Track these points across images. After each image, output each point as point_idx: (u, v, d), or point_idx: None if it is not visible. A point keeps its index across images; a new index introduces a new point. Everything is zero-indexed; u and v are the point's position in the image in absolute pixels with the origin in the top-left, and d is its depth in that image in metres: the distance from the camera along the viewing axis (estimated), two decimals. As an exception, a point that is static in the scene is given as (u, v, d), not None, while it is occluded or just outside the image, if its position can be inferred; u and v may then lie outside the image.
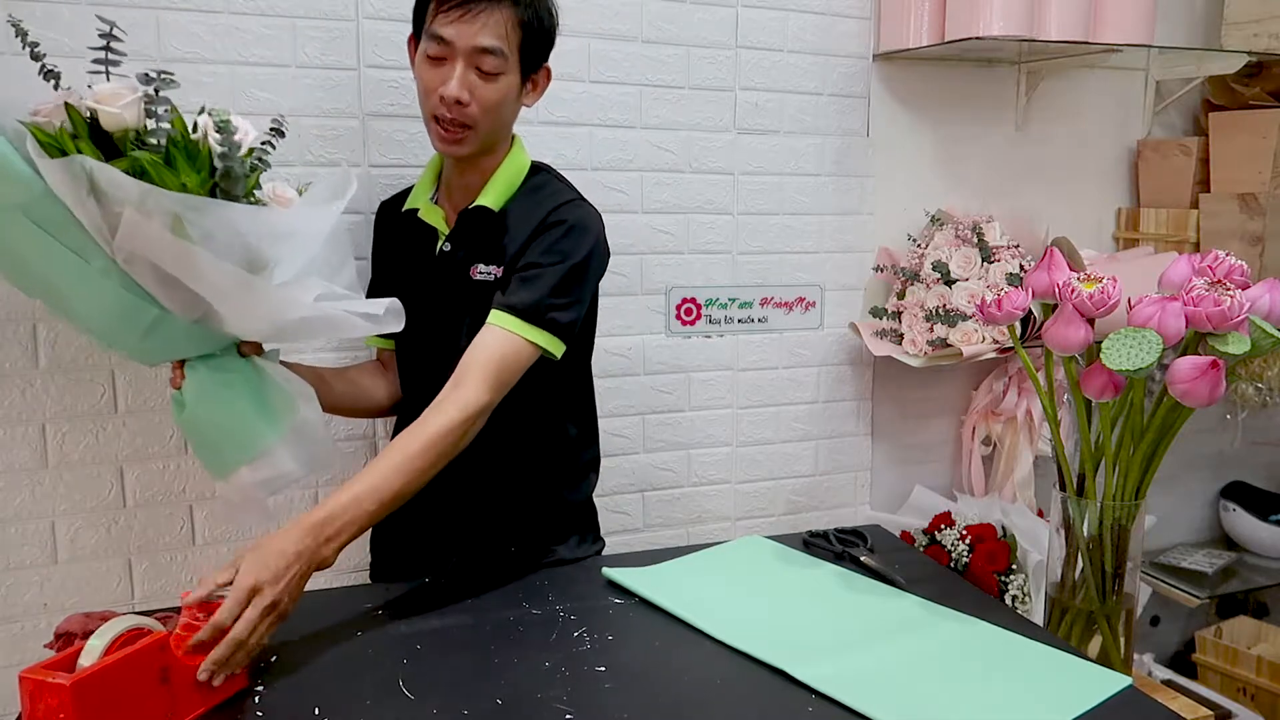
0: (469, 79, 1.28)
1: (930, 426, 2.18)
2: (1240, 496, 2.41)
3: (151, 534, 1.64)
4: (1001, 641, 1.13)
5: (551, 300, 1.30)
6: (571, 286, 1.33)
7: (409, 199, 1.47)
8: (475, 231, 1.39)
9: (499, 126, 1.35)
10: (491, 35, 1.27)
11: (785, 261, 2.00)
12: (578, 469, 1.52)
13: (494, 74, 1.29)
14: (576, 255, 1.33)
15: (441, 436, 1.22)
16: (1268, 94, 2.11)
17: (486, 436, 1.29)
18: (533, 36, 1.31)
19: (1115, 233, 2.28)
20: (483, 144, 1.34)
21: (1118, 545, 1.19)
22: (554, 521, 1.48)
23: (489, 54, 1.27)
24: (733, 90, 1.91)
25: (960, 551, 1.88)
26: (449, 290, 1.39)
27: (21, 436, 1.56)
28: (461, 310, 1.38)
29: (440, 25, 1.27)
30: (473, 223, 1.38)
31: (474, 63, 1.28)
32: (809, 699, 1.01)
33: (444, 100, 1.28)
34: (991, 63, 2.10)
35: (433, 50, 1.29)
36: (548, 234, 1.34)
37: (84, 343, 1.57)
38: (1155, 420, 1.15)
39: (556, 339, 1.31)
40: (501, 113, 1.33)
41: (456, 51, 1.27)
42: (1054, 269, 1.17)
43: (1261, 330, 1.08)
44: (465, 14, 1.26)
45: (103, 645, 0.90)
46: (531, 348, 1.29)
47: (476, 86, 1.29)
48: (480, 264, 1.38)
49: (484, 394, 1.25)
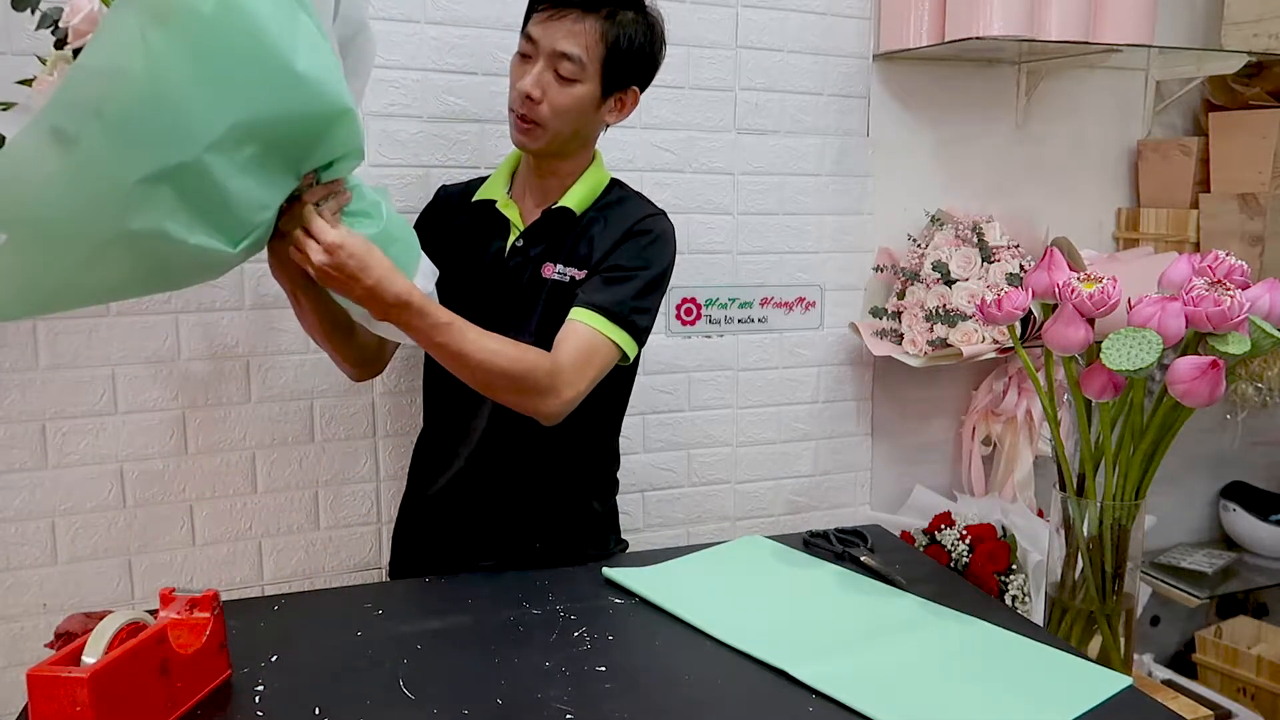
0: (544, 78, 1.32)
1: (930, 426, 2.18)
2: (1240, 496, 2.41)
3: (151, 534, 1.65)
4: (1001, 641, 1.13)
5: (635, 303, 1.34)
6: (650, 293, 1.37)
7: (482, 189, 1.48)
8: (554, 231, 1.40)
9: (571, 132, 1.36)
10: (573, 42, 1.30)
11: (785, 261, 2.00)
12: (610, 481, 1.56)
13: (570, 80, 1.32)
14: (659, 265, 1.38)
15: (527, 369, 1.24)
16: (1268, 94, 2.11)
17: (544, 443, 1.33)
18: (619, 56, 1.33)
19: (1115, 233, 2.28)
20: (553, 144, 1.36)
21: (1118, 545, 1.19)
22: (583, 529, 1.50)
23: (566, 59, 1.31)
24: (733, 90, 1.91)
25: (960, 551, 1.88)
26: (517, 285, 1.40)
27: (21, 436, 1.56)
28: (528, 306, 1.39)
29: (532, 25, 1.33)
30: (553, 222, 1.40)
31: (553, 64, 1.31)
32: (809, 699, 1.01)
33: (519, 94, 1.33)
34: (991, 63, 2.10)
35: (523, 47, 1.34)
36: (635, 240, 1.38)
37: (84, 342, 1.57)
38: (1155, 420, 1.15)
39: (634, 341, 1.35)
40: (573, 119, 1.35)
41: (540, 51, 1.32)
42: (1054, 269, 1.17)
43: (1261, 330, 1.08)
44: (553, 15, 1.31)
45: (105, 640, 0.90)
46: (612, 346, 1.32)
47: (550, 87, 1.32)
48: (555, 263, 1.39)
49: (578, 383, 1.28)
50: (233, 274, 1.63)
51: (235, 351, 1.65)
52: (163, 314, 1.61)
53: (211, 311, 1.64)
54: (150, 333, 1.61)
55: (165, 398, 1.63)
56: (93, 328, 1.57)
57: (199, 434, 1.66)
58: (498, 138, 1.74)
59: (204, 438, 1.66)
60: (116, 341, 1.59)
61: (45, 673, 0.87)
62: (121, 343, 1.59)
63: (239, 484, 1.69)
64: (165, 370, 1.62)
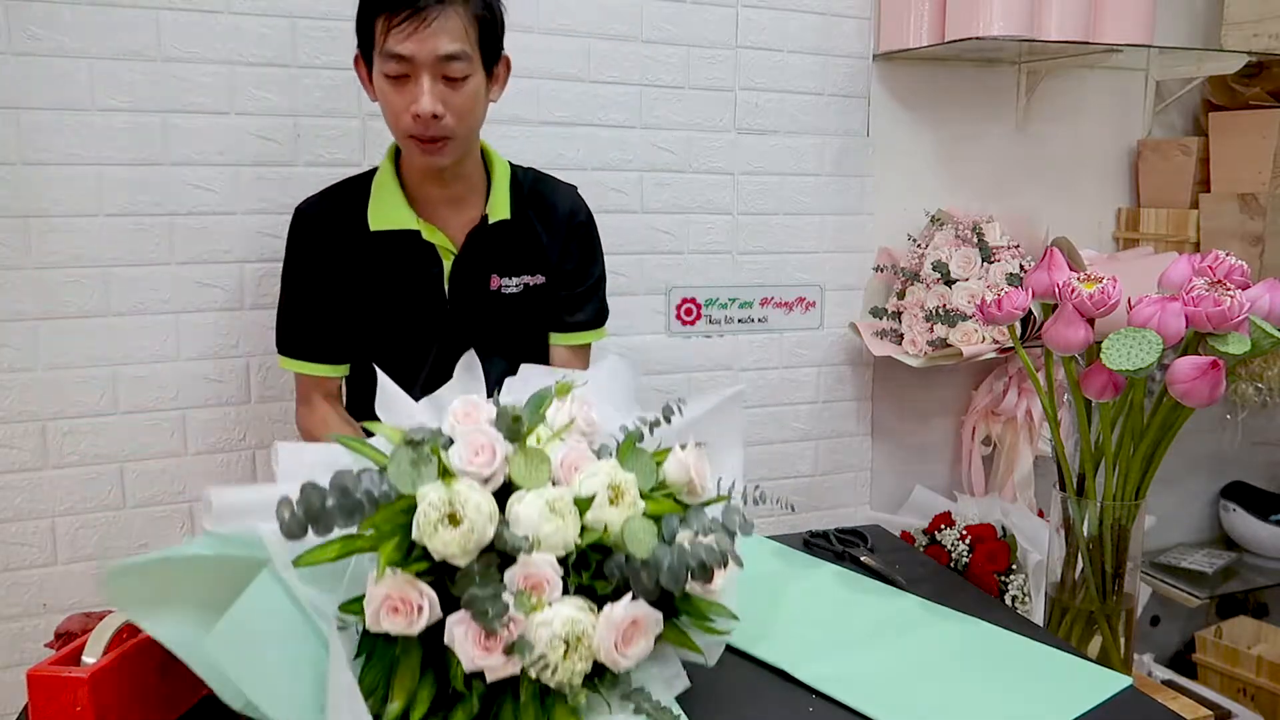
0: (439, 90, 1.23)
1: (930, 426, 2.18)
2: (1240, 496, 2.41)
3: (151, 534, 1.64)
4: (1001, 641, 1.13)
5: (605, 298, 1.49)
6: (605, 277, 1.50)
7: (379, 216, 1.36)
8: (494, 245, 1.37)
9: (474, 129, 1.33)
10: (452, 39, 1.22)
11: (785, 261, 2.00)
12: None
13: (462, 78, 1.25)
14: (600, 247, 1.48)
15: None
16: (1268, 94, 2.11)
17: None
18: (489, 28, 1.27)
19: (1115, 233, 2.28)
20: (462, 149, 1.32)
21: (1118, 545, 1.19)
22: None
23: (454, 60, 1.22)
24: (733, 90, 1.91)
25: (960, 551, 1.87)
26: (469, 310, 1.38)
27: (21, 436, 1.56)
28: (486, 325, 1.38)
29: (396, 42, 1.21)
30: (488, 237, 1.37)
31: (440, 72, 1.23)
32: (809, 699, 1.00)
33: (419, 118, 1.23)
34: (991, 63, 2.10)
35: (393, 70, 1.23)
36: (580, 235, 1.43)
37: (84, 342, 1.57)
38: (1155, 420, 1.15)
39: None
40: (475, 116, 1.31)
41: (420, 65, 1.22)
42: (1054, 269, 1.17)
43: (1261, 330, 1.08)
44: (421, 25, 1.19)
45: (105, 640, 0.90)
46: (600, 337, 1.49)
47: (448, 96, 1.24)
48: (501, 275, 1.38)
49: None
50: (233, 274, 1.64)
51: (235, 351, 1.65)
52: (163, 314, 1.61)
53: (211, 311, 1.64)
54: (150, 333, 1.61)
55: (165, 398, 1.63)
56: (93, 328, 1.57)
57: (199, 434, 1.66)
58: (498, 138, 1.74)
59: (204, 438, 1.66)
60: (116, 341, 1.59)
61: (45, 673, 0.87)
62: (121, 343, 1.59)
63: (239, 484, 1.69)
64: (165, 370, 1.62)
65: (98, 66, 1.52)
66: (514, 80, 1.75)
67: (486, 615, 0.77)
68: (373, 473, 0.83)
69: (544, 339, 1.47)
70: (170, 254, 1.60)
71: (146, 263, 1.59)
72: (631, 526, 0.86)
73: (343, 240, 1.37)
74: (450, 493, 0.80)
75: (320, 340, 1.41)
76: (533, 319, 1.42)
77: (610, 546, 0.87)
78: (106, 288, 1.58)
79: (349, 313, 1.38)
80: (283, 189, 1.62)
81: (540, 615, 0.80)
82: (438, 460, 0.84)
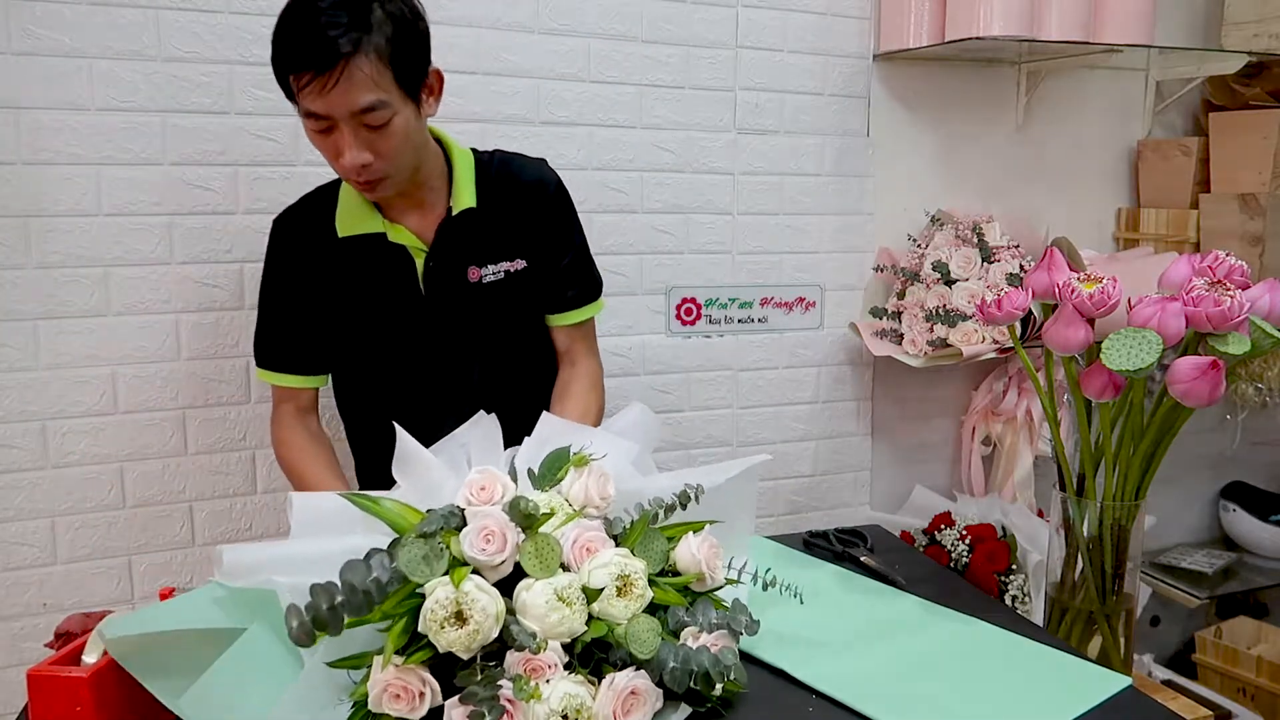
0: (363, 138, 1.17)
1: (930, 426, 2.18)
2: (1240, 496, 2.41)
3: (151, 534, 1.65)
4: (1001, 641, 1.13)
5: (595, 267, 1.47)
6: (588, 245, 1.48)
7: (347, 223, 1.34)
8: (465, 236, 1.35)
9: (413, 156, 1.26)
10: (364, 91, 1.14)
11: (785, 261, 2.00)
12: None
13: (385, 123, 1.17)
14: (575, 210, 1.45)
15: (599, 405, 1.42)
16: (1268, 94, 2.11)
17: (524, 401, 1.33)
18: (402, 61, 1.17)
19: (1115, 233, 2.28)
20: (404, 179, 1.27)
21: (1118, 545, 1.19)
22: None
23: (370, 110, 1.15)
24: (733, 90, 1.91)
25: (960, 551, 1.87)
26: (448, 305, 1.35)
27: (21, 436, 1.56)
28: (467, 318, 1.36)
29: (308, 101, 1.15)
30: (459, 228, 1.34)
31: (359, 123, 1.16)
32: (809, 699, 1.00)
33: (348, 168, 1.19)
34: (991, 63, 2.10)
35: (313, 125, 1.18)
36: (557, 208, 1.41)
37: (84, 342, 1.57)
38: (1155, 420, 1.15)
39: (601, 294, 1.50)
40: (410, 147, 1.23)
41: (338, 119, 1.16)
42: (1054, 269, 1.17)
43: (1261, 330, 1.08)
44: (327, 83, 1.12)
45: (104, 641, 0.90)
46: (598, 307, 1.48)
47: (374, 141, 1.18)
48: (479, 265, 1.36)
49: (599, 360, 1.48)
50: (233, 274, 1.64)
51: (235, 351, 1.65)
52: (163, 314, 1.61)
53: (211, 311, 1.64)
54: (150, 333, 1.61)
55: (165, 398, 1.63)
56: (93, 328, 1.57)
57: (199, 434, 1.66)
58: (498, 138, 1.74)
59: (204, 438, 1.66)
60: (116, 341, 1.59)
61: (45, 673, 0.87)
62: (121, 343, 1.59)
63: (239, 484, 1.69)
64: (165, 370, 1.62)
65: (98, 66, 1.52)
66: (514, 80, 1.76)
67: (483, 717, 0.81)
68: (382, 557, 0.85)
69: (535, 331, 1.44)
70: (170, 254, 1.60)
71: (146, 262, 1.59)
72: (635, 628, 0.89)
73: (314, 249, 1.35)
74: (458, 593, 0.83)
75: (293, 351, 1.39)
76: (521, 308, 1.39)
77: (614, 643, 0.90)
78: (106, 288, 1.58)
79: (325, 322, 1.37)
80: (283, 189, 1.62)
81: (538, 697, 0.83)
82: (448, 552, 0.87)
